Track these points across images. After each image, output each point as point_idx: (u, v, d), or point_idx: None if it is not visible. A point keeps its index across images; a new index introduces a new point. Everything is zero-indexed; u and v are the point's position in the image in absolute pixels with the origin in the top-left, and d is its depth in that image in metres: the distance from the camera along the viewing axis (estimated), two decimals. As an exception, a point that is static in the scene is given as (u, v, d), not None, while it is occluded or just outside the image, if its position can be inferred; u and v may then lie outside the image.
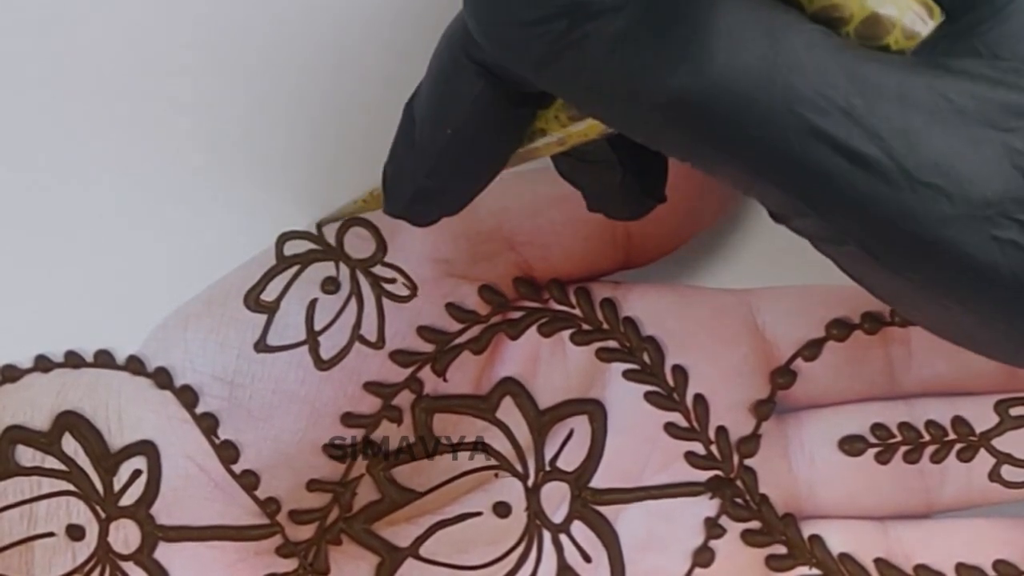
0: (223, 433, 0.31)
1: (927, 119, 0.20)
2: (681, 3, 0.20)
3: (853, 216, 0.21)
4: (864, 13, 0.21)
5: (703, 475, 0.32)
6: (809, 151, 0.20)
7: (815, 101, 0.20)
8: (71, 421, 0.30)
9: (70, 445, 0.30)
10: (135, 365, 0.31)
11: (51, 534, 0.30)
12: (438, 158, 0.25)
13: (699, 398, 0.32)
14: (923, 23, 0.21)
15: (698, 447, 0.32)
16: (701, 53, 0.20)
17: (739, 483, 0.31)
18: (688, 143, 0.21)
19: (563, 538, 0.31)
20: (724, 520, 0.31)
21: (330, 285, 0.31)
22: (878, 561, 0.31)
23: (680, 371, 0.32)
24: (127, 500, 0.30)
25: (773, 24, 0.20)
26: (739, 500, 0.31)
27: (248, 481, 0.31)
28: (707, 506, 0.32)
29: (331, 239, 0.31)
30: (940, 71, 0.21)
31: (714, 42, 0.20)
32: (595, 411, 0.32)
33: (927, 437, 0.31)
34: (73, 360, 0.31)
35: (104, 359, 0.31)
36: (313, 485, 0.31)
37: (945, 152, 0.20)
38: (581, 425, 0.32)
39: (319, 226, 0.31)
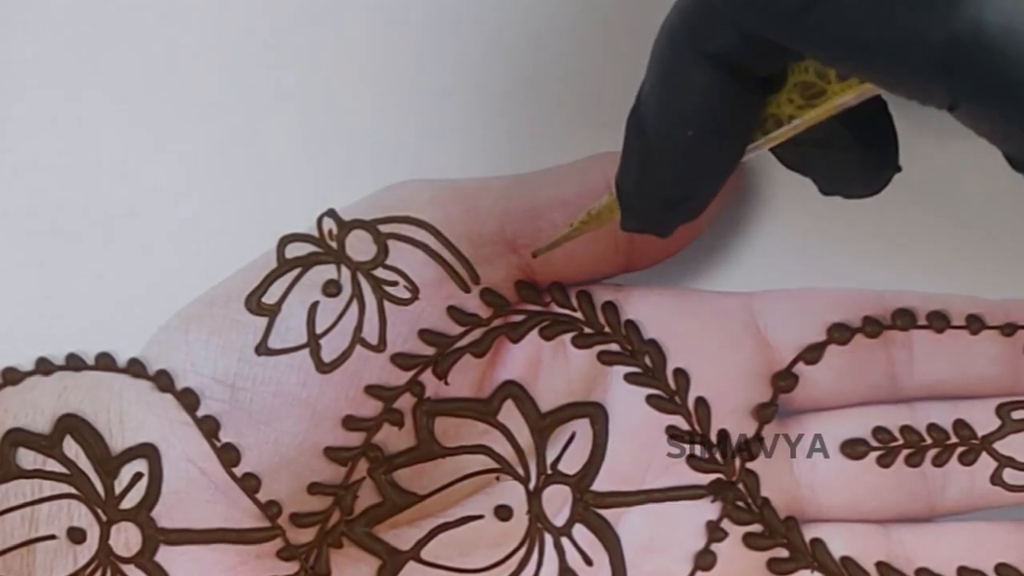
0: (224, 436, 0.31)
1: None
2: None
3: None
4: None
5: (705, 478, 0.32)
6: None
7: None
8: (72, 424, 0.30)
9: (71, 448, 0.30)
10: (136, 368, 0.31)
11: (52, 537, 0.30)
12: (681, 162, 0.25)
13: (701, 401, 0.31)
14: None
15: (700, 450, 0.31)
16: None
17: (741, 486, 0.31)
18: (962, 88, 0.20)
19: (565, 541, 0.31)
20: (726, 523, 0.31)
21: (332, 288, 0.31)
22: (880, 565, 0.31)
23: (682, 374, 0.32)
24: (128, 503, 0.30)
25: None
26: (741, 503, 0.31)
27: (249, 484, 0.31)
28: (709, 509, 0.31)
29: (334, 243, 0.31)
30: None
31: None
32: (597, 414, 0.32)
33: (929, 440, 0.31)
34: (74, 363, 0.31)
35: (105, 362, 0.31)
36: (314, 488, 0.31)
37: None
38: (583, 428, 0.32)
39: (535, 255, 0.31)
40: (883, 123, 0.26)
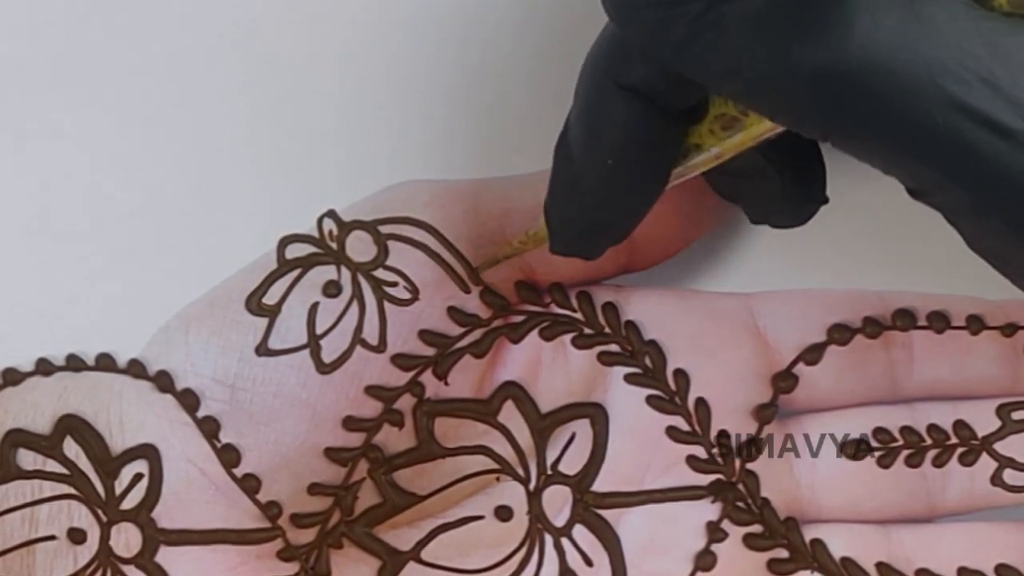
0: (224, 436, 0.31)
1: None
2: None
3: (997, 189, 0.20)
4: None
5: (705, 479, 0.32)
6: (952, 123, 0.20)
7: (958, 73, 0.20)
8: (72, 424, 0.30)
9: (71, 448, 0.30)
10: (136, 368, 0.31)
11: (52, 537, 0.30)
12: (603, 189, 0.26)
13: (701, 402, 0.31)
14: None
15: (700, 451, 0.32)
16: (842, 27, 0.20)
17: (741, 487, 0.31)
18: (831, 119, 0.21)
19: (565, 542, 0.31)
20: (726, 524, 0.31)
21: (332, 288, 0.31)
22: (880, 565, 0.31)
23: (682, 375, 0.32)
24: (128, 504, 0.30)
25: None
26: (741, 504, 0.31)
27: (249, 485, 0.31)
28: (709, 510, 0.31)
29: (334, 243, 0.31)
30: None
31: (855, 15, 0.20)
32: (597, 415, 0.32)
33: (929, 441, 0.31)
34: (75, 363, 0.31)
35: (106, 362, 0.31)
36: (314, 489, 0.31)
37: None
38: (583, 429, 0.32)
39: (476, 271, 0.31)
40: (808, 156, 0.26)
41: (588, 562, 0.31)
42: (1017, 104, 0.20)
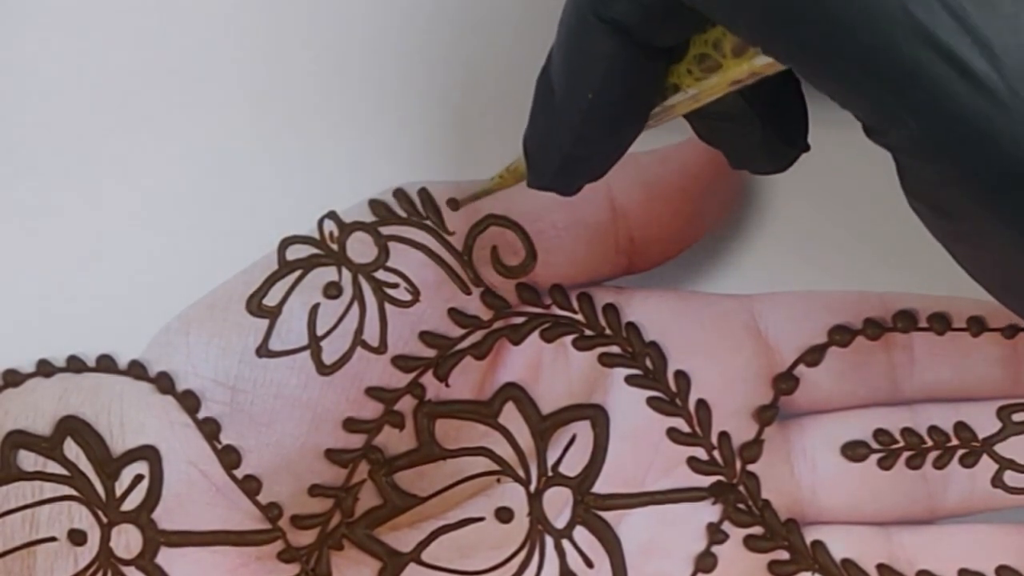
0: (225, 438, 0.31)
1: None
2: None
3: (953, 129, 0.20)
4: None
5: (706, 480, 0.32)
6: (915, 53, 0.20)
7: (929, 2, 0.20)
8: (73, 426, 0.30)
9: (72, 450, 0.30)
10: (137, 370, 0.31)
11: (53, 539, 0.30)
12: (583, 124, 0.25)
13: (701, 403, 0.31)
14: None
15: (701, 452, 0.32)
16: None
17: (742, 488, 0.31)
18: (793, 36, 0.21)
19: (565, 543, 0.31)
20: (726, 526, 0.31)
21: (332, 290, 0.31)
22: (881, 567, 0.31)
23: (682, 376, 0.32)
24: (129, 505, 0.30)
25: None
26: (742, 505, 0.31)
27: (250, 486, 0.31)
28: (709, 511, 0.31)
29: (334, 245, 0.31)
30: None
31: None
32: (597, 416, 0.32)
33: (930, 443, 0.31)
34: (75, 365, 0.31)
35: (106, 364, 0.31)
36: (315, 490, 0.31)
37: None
38: (583, 430, 0.32)
39: (458, 206, 0.31)
40: (790, 102, 0.26)
41: (589, 564, 0.31)
42: (984, 44, 0.20)
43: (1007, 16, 0.20)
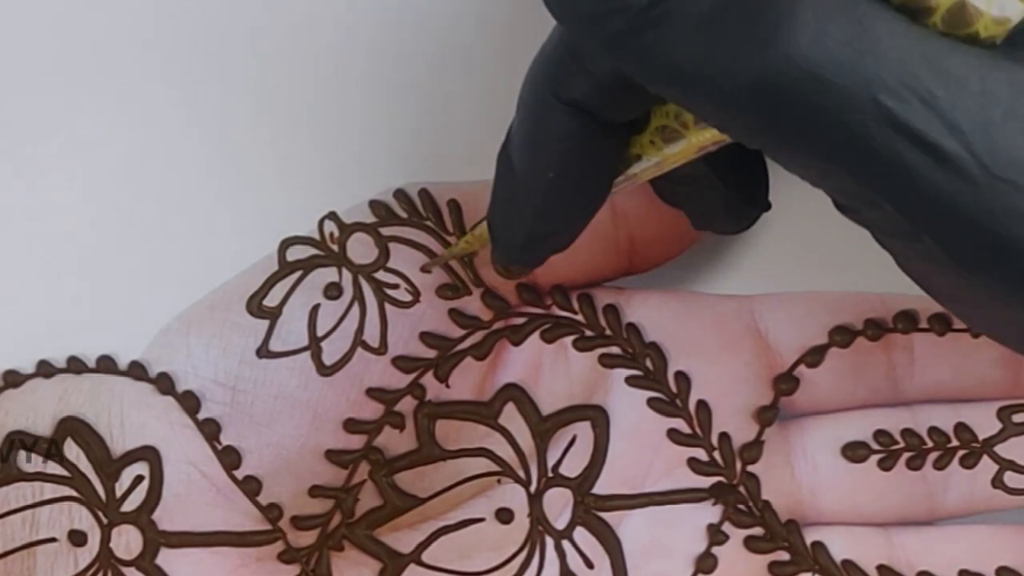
0: (225, 439, 0.31)
1: (1007, 114, 0.20)
2: None
3: (928, 210, 0.20)
4: (949, 2, 0.20)
5: (706, 481, 0.32)
6: (887, 140, 0.20)
7: (897, 91, 0.20)
8: (73, 426, 0.30)
9: (72, 451, 0.30)
10: (137, 370, 0.31)
11: (53, 540, 0.30)
12: (544, 202, 0.26)
13: (702, 404, 0.31)
14: (1013, 7, 0.20)
15: (701, 453, 0.32)
16: (786, 36, 0.20)
17: (742, 489, 0.31)
18: (767, 128, 0.21)
19: (566, 544, 0.31)
20: (727, 526, 0.31)
21: (333, 291, 0.31)
22: (881, 568, 0.31)
23: (683, 377, 0.32)
24: (129, 506, 0.30)
25: (858, 11, 0.20)
26: (742, 506, 0.31)
27: (250, 487, 0.31)
28: (710, 512, 0.31)
29: (335, 245, 0.31)
30: (1022, 65, 0.20)
31: (799, 26, 0.20)
32: (598, 417, 0.32)
33: (930, 444, 0.31)
34: (75, 365, 0.31)
35: (106, 364, 0.31)
36: (315, 491, 0.31)
37: None
38: (584, 431, 0.32)
39: (423, 270, 0.31)
40: (750, 166, 0.26)
41: (589, 564, 0.31)
42: (954, 127, 0.20)
43: (975, 94, 0.20)
